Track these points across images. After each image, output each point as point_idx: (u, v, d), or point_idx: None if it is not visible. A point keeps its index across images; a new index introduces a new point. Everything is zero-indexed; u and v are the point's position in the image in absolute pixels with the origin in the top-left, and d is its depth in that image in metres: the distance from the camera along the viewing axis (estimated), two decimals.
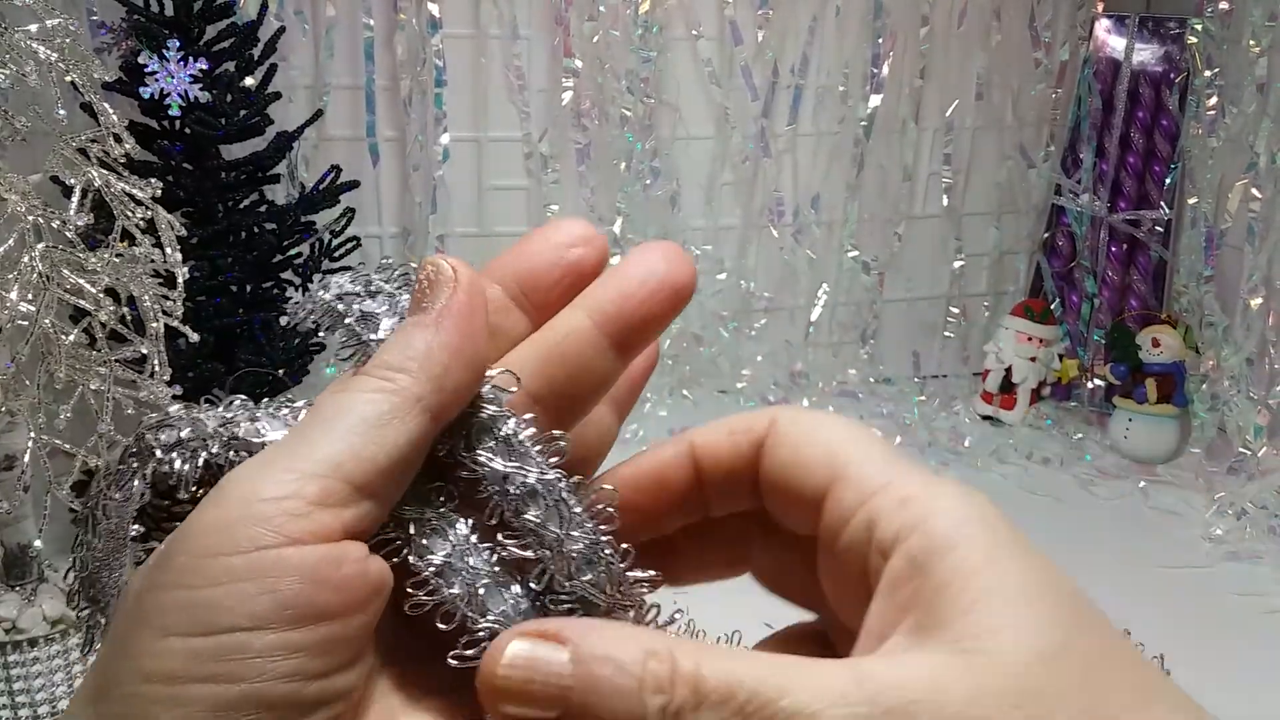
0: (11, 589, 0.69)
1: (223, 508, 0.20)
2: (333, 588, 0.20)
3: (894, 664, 0.21)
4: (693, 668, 0.20)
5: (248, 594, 0.19)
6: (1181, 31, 1.17)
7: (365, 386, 0.22)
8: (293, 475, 0.20)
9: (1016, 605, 0.21)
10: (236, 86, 0.82)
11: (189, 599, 0.19)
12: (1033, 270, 1.30)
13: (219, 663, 0.19)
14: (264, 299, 0.86)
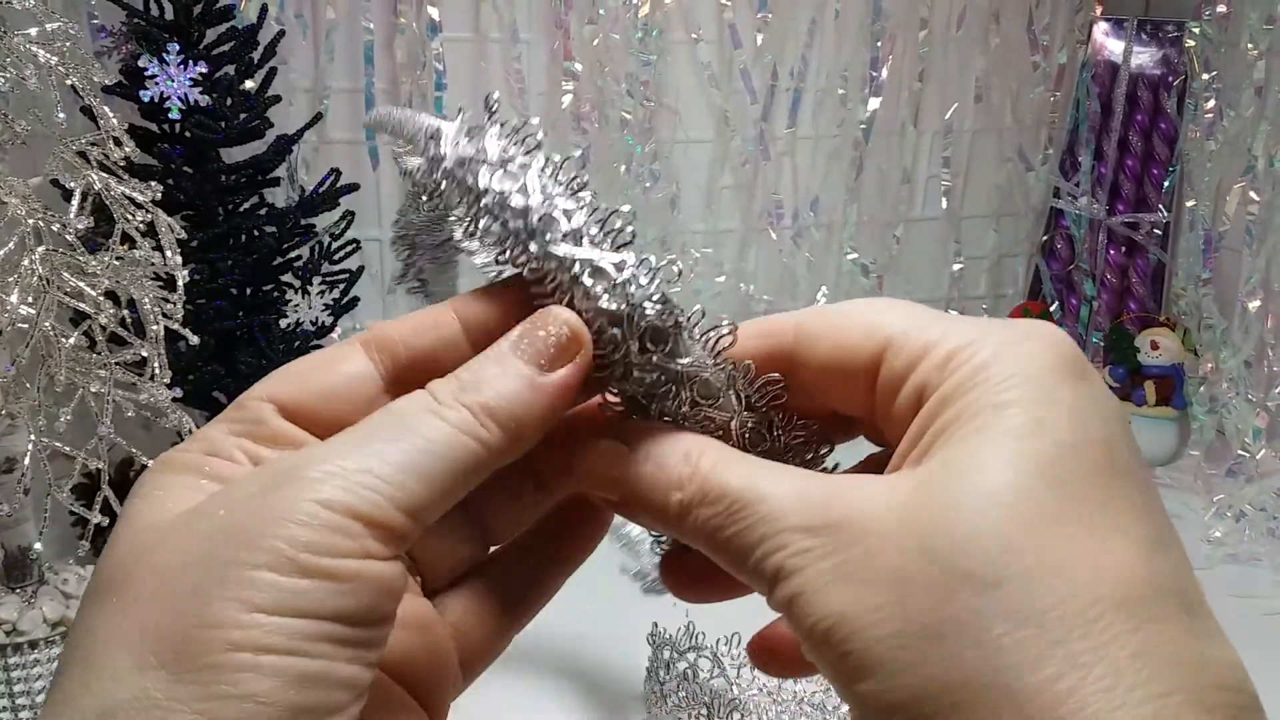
0: (12, 591, 0.69)
1: (321, 512, 0.21)
2: (394, 598, 0.22)
3: (859, 484, 0.22)
4: (707, 469, 0.24)
5: (333, 591, 0.21)
6: (1179, 35, 1.18)
7: (462, 424, 0.23)
8: (386, 505, 0.22)
9: (993, 448, 0.21)
10: (236, 90, 0.82)
11: (282, 584, 0.21)
12: (1031, 273, 1.30)
13: (305, 641, 0.21)
14: (264, 302, 0.86)
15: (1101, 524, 0.21)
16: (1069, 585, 0.20)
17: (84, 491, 0.68)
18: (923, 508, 0.21)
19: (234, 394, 0.92)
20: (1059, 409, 0.22)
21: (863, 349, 0.24)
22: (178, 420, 0.69)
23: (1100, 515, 0.21)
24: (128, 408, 0.66)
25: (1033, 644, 0.20)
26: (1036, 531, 0.20)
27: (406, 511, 0.22)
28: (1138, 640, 0.20)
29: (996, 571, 0.20)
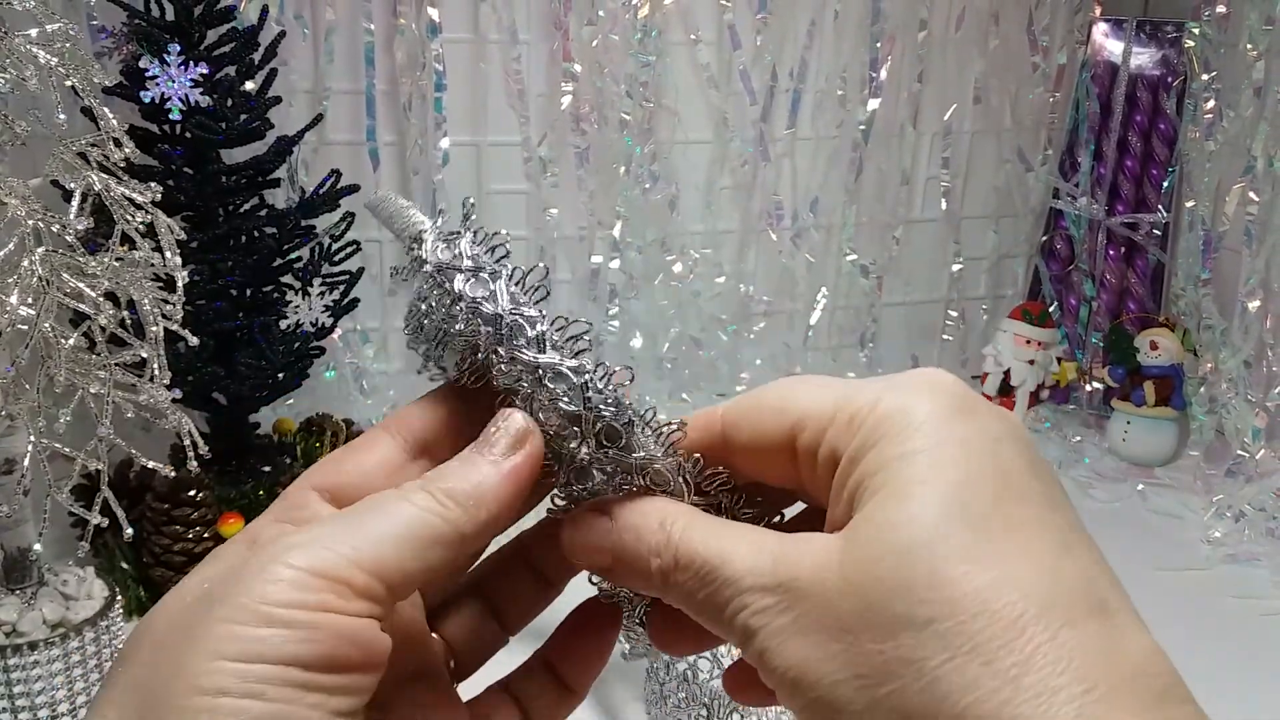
0: (11, 592, 0.69)
1: (285, 570, 0.24)
2: (357, 648, 0.24)
3: (800, 544, 0.25)
4: (678, 536, 0.27)
5: (290, 638, 0.23)
6: (1179, 35, 1.18)
7: (425, 505, 0.26)
8: (345, 563, 0.25)
9: (902, 499, 0.24)
10: (237, 91, 0.82)
11: (243, 633, 0.23)
12: (1031, 273, 1.30)
13: (263, 684, 0.23)
14: (264, 303, 0.86)
15: (1007, 548, 0.23)
16: (989, 610, 0.22)
17: (83, 493, 0.68)
18: (856, 563, 0.24)
19: (233, 395, 0.92)
20: (952, 450, 0.24)
21: (776, 430, 0.28)
22: (177, 421, 0.69)
23: (1005, 540, 0.23)
24: (127, 409, 0.66)
25: (966, 669, 0.22)
26: (953, 566, 0.23)
27: (368, 571, 0.25)
28: (1056, 646, 0.22)
29: (926, 610, 0.23)
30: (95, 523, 0.66)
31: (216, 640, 0.23)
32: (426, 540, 0.26)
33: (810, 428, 0.27)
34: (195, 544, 0.80)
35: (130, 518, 0.68)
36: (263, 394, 0.87)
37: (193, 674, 0.23)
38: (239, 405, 0.88)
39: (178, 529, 0.80)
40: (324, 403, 1.04)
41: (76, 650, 0.68)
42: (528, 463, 0.28)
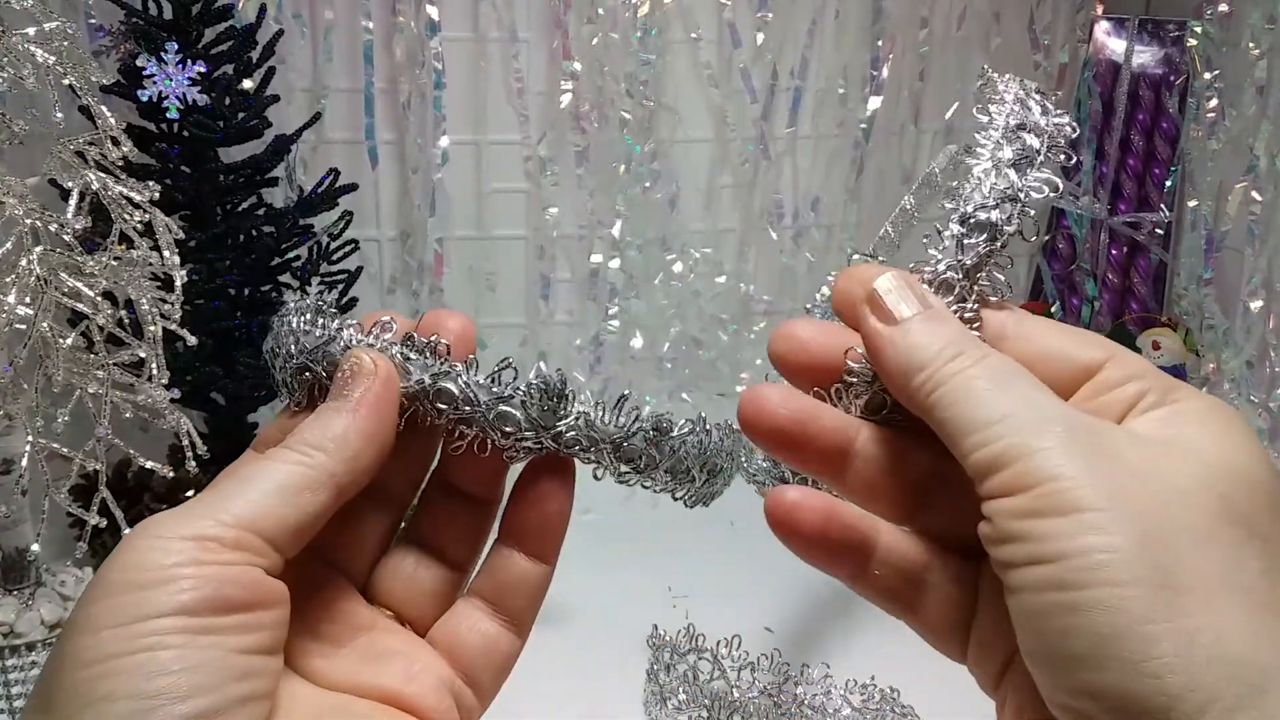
0: (9, 593, 0.69)
1: (154, 540, 0.25)
2: (240, 588, 0.25)
3: (1112, 434, 0.26)
4: (972, 342, 0.29)
5: (170, 591, 0.24)
6: (1181, 34, 1.17)
7: (286, 458, 0.27)
8: (212, 523, 0.26)
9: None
10: (235, 89, 0.82)
11: (119, 602, 0.24)
12: (1033, 273, 1.30)
13: (152, 637, 0.24)
14: (262, 302, 0.86)
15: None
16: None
17: (81, 493, 0.68)
18: (1145, 488, 0.24)
19: (231, 394, 0.91)
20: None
21: (1085, 360, 0.29)
22: (175, 421, 0.69)
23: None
24: (126, 408, 0.66)
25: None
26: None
27: (237, 526, 0.26)
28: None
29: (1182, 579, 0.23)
30: (93, 523, 0.66)
31: (100, 615, 0.24)
32: (295, 488, 0.27)
33: (1122, 369, 0.28)
34: None
35: (128, 518, 0.68)
36: (261, 394, 0.87)
37: (78, 651, 0.24)
38: (237, 405, 0.88)
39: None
40: None
41: None
42: (380, 394, 0.28)
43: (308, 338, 0.29)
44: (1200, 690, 0.22)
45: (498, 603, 0.31)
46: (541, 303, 1.13)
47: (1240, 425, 0.26)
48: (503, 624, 0.31)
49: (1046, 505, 0.24)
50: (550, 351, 1.15)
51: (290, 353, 0.29)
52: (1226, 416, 0.26)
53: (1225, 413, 0.26)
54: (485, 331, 1.14)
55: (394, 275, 1.11)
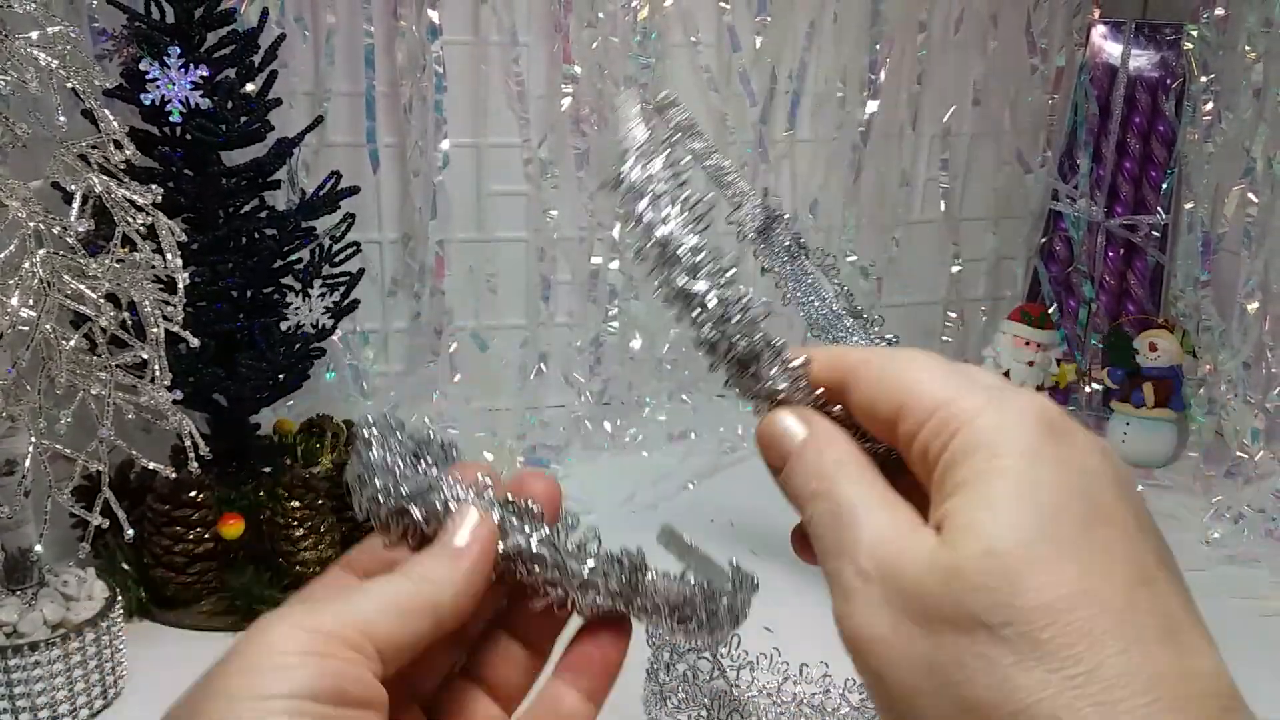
0: (12, 593, 0.69)
1: (289, 628, 0.28)
2: (360, 685, 0.28)
3: (909, 535, 0.28)
4: (838, 475, 0.30)
5: (302, 673, 0.27)
6: (1177, 37, 1.18)
7: (400, 583, 0.31)
8: (337, 621, 0.29)
9: (992, 513, 0.26)
10: (237, 93, 0.82)
11: (254, 679, 0.27)
12: (1030, 275, 1.30)
13: (277, 715, 0.26)
14: (264, 304, 0.86)
15: (1088, 568, 0.25)
16: (1062, 621, 0.25)
17: (84, 493, 0.68)
18: (947, 563, 0.26)
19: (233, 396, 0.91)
20: (1046, 472, 0.27)
21: (884, 406, 0.30)
22: (178, 422, 0.69)
23: (1087, 560, 0.26)
24: (128, 410, 0.66)
25: (1034, 671, 0.24)
26: (1033, 577, 0.25)
27: (358, 630, 0.29)
28: (1123, 661, 0.24)
29: (1003, 614, 0.25)
30: (96, 524, 0.66)
31: (232, 688, 0.27)
32: (403, 609, 0.30)
33: (910, 418, 0.29)
34: (196, 545, 0.80)
35: (131, 519, 0.68)
36: (263, 395, 0.87)
37: (210, 714, 0.26)
38: (239, 406, 0.88)
39: (178, 530, 0.80)
40: (324, 404, 1.04)
41: (77, 651, 0.68)
42: (484, 547, 0.32)
43: (409, 482, 0.32)
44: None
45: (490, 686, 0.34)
46: (542, 304, 1.14)
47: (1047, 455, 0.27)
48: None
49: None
50: (550, 353, 1.15)
51: (389, 491, 0.32)
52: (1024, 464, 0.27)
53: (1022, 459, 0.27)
54: (486, 333, 1.15)
55: (395, 277, 1.12)
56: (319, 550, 0.82)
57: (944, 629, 0.26)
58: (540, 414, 1.14)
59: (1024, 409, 0.27)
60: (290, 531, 0.81)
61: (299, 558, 0.81)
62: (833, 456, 0.31)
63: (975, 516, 0.26)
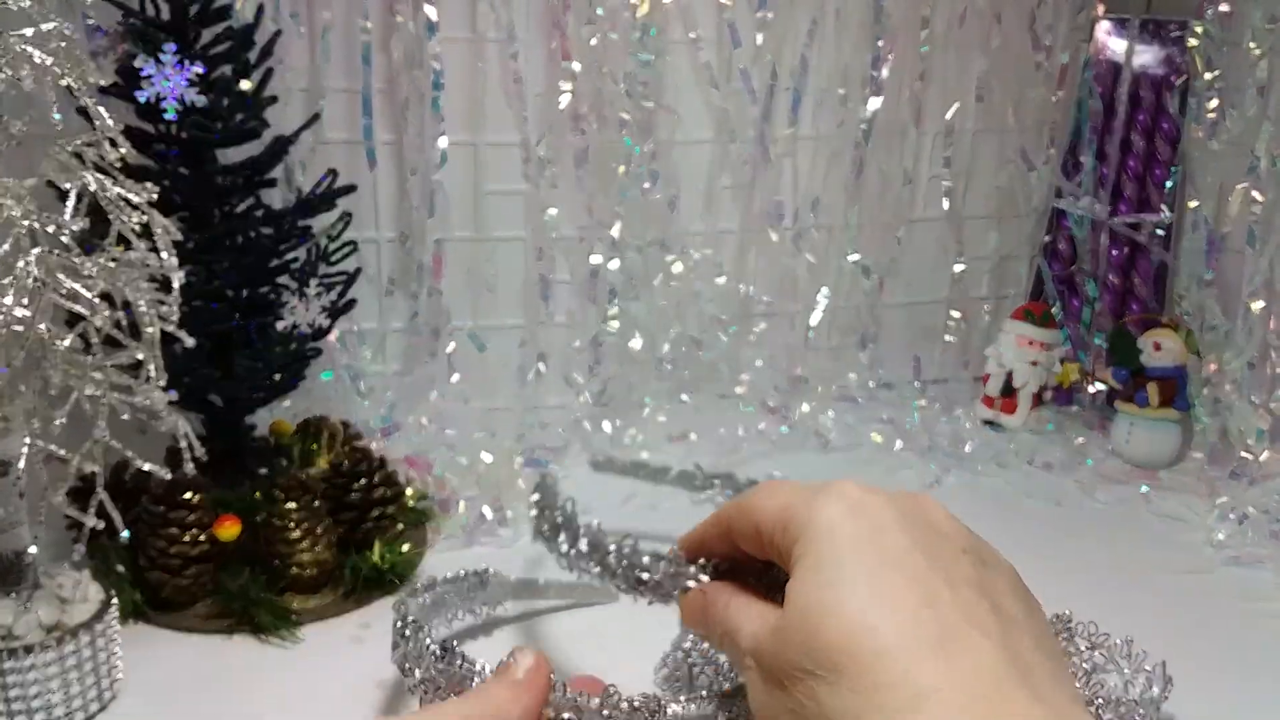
0: (6, 596, 0.68)
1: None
2: None
3: (765, 617, 0.36)
4: (723, 613, 0.39)
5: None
6: (1182, 34, 1.17)
7: (466, 706, 0.37)
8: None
9: (801, 582, 0.34)
10: (233, 90, 0.82)
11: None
12: (1033, 274, 1.29)
13: None
14: (261, 304, 0.86)
15: (875, 603, 0.32)
16: (853, 649, 0.31)
17: (79, 495, 0.68)
18: (780, 630, 0.34)
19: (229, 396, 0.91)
20: (843, 542, 0.34)
21: (751, 532, 0.39)
22: (173, 423, 0.69)
23: (873, 598, 0.32)
24: (123, 410, 0.66)
25: (841, 695, 0.30)
26: (829, 622, 0.32)
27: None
28: (899, 673, 0.30)
29: (813, 659, 0.32)
30: (91, 525, 0.66)
31: None
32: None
33: (765, 532, 0.38)
34: (191, 546, 0.80)
35: (126, 520, 0.68)
36: (259, 395, 0.87)
37: None
38: (235, 407, 0.88)
39: (174, 531, 0.79)
40: (321, 404, 1.04)
41: (72, 654, 0.68)
42: (542, 680, 0.38)
43: (443, 675, 0.41)
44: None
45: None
46: (541, 304, 1.13)
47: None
48: None
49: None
50: (549, 353, 1.15)
51: (430, 683, 0.41)
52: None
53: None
54: (484, 333, 1.14)
55: (393, 276, 1.11)
56: (315, 552, 0.81)
57: (787, 682, 0.32)
58: (539, 414, 1.13)
59: (835, 498, 0.35)
60: (287, 533, 0.80)
61: (295, 559, 0.81)
62: (724, 601, 0.39)
63: (794, 586, 0.34)
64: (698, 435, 1.13)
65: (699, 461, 0.98)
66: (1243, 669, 0.78)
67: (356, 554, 0.84)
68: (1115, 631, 0.63)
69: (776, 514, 0.37)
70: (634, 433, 1.12)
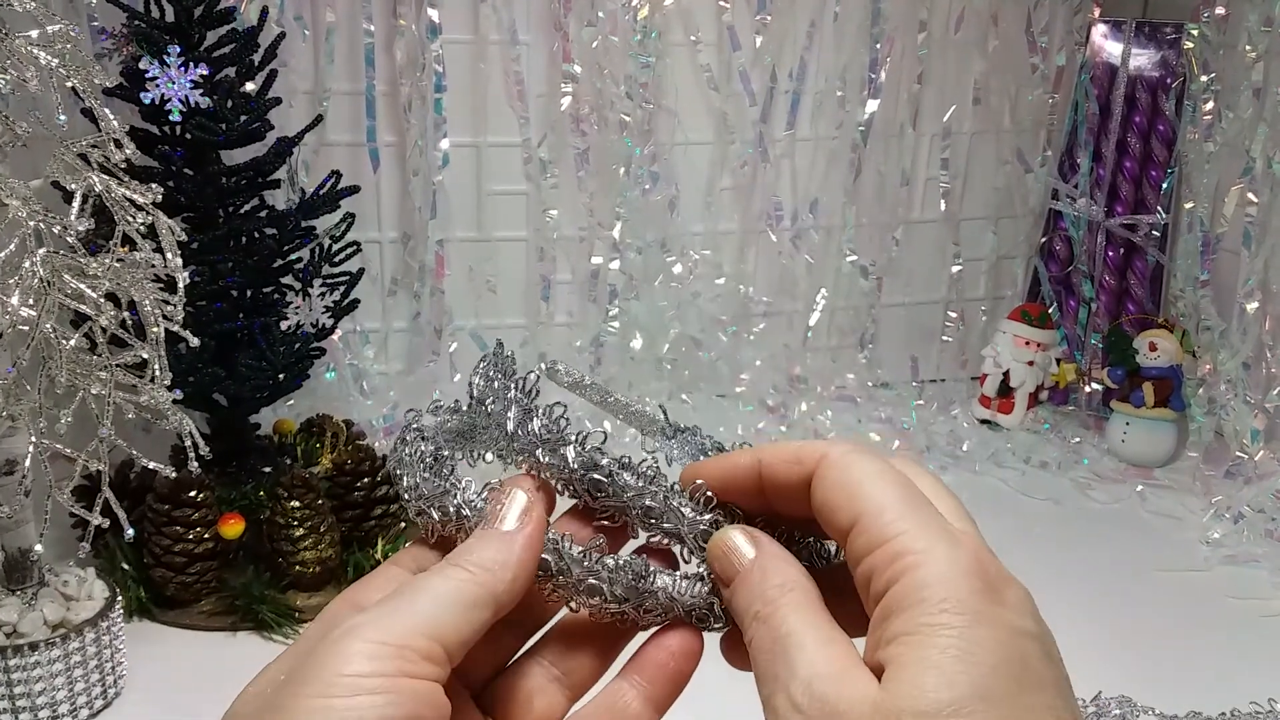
0: (12, 593, 0.69)
1: (359, 644, 0.28)
2: (431, 708, 0.28)
3: (850, 682, 0.28)
4: (785, 606, 0.31)
5: (379, 704, 0.27)
6: (1178, 36, 1.18)
7: (458, 576, 0.31)
8: (409, 631, 0.29)
9: (935, 670, 0.27)
10: (237, 92, 0.82)
11: (335, 704, 0.27)
12: (1030, 275, 1.30)
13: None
14: (264, 304, 0.86)
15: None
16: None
17: (84, 493, 0.68)
18: (891, 717, 0.27)
19: (233, 395, 0.91)
20: (982, 632, 0.28)
21: (842, 516, 0.31)
22: (178, 422, 0.69)
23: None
24: (128, 410, 0.66)
25: None
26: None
27: (428, 636, 0.29)
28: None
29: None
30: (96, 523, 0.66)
31: (309, 713, 0.26)
32: (467, 604, 0.30)
33: (862, 537, 0.30)
34: (196, 544, 0.80)
35: (131, 518, 0.68)
36: (263, 395, 0.87)
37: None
38: (239, 406, 0.88)
39: (178, 529, 0.80)
40: (324, 403, 1.04)
41: (77, 651, 0.68)
42: (536, 529, 0.32)
43: (426, 484, 0.34)
44: None
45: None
46: (542, 304, 1.14)
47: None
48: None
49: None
50: (550, 352, 1.15)
51: (414, 490, 0.34)
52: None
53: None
54: (486, 333, 1.14)
55: (395, 277, 1.12)
56: (319, 550, 0.82)
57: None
58: None
59: (967, 564, 0.29)
60: (290, 531, 0.81)
61: (299, 557, 0.81)
62: (777, 581, 0.32)
63: (918, 674, 0.27)
64: None
65: (664, 405, 0.96)
66: (1238, 667, 0.79)
67: (359, 552, 0.85)
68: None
69: (888, 533, 0.29)
70: (634, 432, 1.13)
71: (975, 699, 0.27)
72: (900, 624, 0.28)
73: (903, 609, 0.28)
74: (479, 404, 0.37)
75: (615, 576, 0.33)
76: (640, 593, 0.33)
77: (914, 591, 0.28)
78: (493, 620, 0.31)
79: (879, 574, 0.29)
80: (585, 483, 0.35)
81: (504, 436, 0.35)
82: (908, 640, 0.28)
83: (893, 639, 0.28)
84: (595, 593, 0.33)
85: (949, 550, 0.29)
